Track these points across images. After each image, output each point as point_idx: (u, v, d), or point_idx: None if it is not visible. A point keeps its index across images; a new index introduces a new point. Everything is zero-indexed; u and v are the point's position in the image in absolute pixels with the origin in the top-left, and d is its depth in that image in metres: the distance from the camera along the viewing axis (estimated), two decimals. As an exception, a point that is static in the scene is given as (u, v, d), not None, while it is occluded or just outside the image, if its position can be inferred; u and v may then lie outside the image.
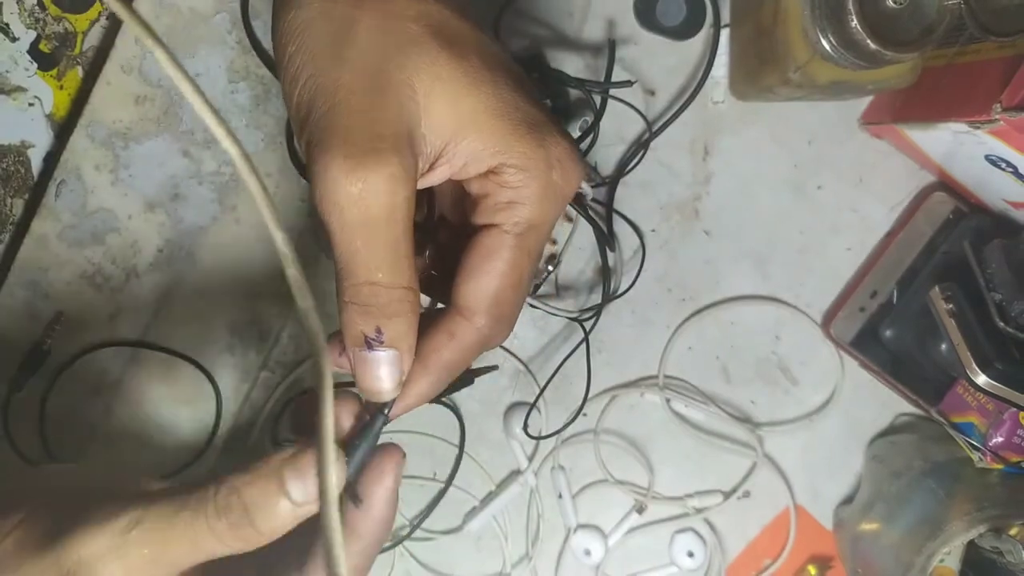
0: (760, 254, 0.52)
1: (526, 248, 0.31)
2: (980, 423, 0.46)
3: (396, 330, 0.29)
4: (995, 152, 0.41)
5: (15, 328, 0.48)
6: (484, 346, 0.32)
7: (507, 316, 0.32)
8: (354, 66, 0.28)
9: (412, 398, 0.32)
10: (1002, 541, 0.44)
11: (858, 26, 0.37)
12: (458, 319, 0.31)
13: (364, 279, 0.29)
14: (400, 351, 0.30)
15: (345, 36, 0.29)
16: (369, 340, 0.30)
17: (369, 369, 0.30)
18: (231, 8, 0.48)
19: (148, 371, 0.50)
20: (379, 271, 0.29)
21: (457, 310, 0.31)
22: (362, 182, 0.27)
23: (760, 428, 0.52)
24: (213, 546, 0.29)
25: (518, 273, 0.31)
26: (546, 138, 0.30)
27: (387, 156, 0.27)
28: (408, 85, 0.28)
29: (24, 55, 0.48)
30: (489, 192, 0.31)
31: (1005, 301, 0.44)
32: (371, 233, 0.28)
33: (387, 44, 0.29)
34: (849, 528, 0.51)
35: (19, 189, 0.50)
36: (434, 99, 0.29)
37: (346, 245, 0.28)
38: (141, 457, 0.50)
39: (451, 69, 0.29)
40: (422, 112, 0.29)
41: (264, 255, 0.50)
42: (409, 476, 0.52)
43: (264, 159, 0.49)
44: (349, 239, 0.28)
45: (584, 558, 0.52)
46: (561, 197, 0.31)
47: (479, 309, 0.31)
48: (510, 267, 0.31)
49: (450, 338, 0.31)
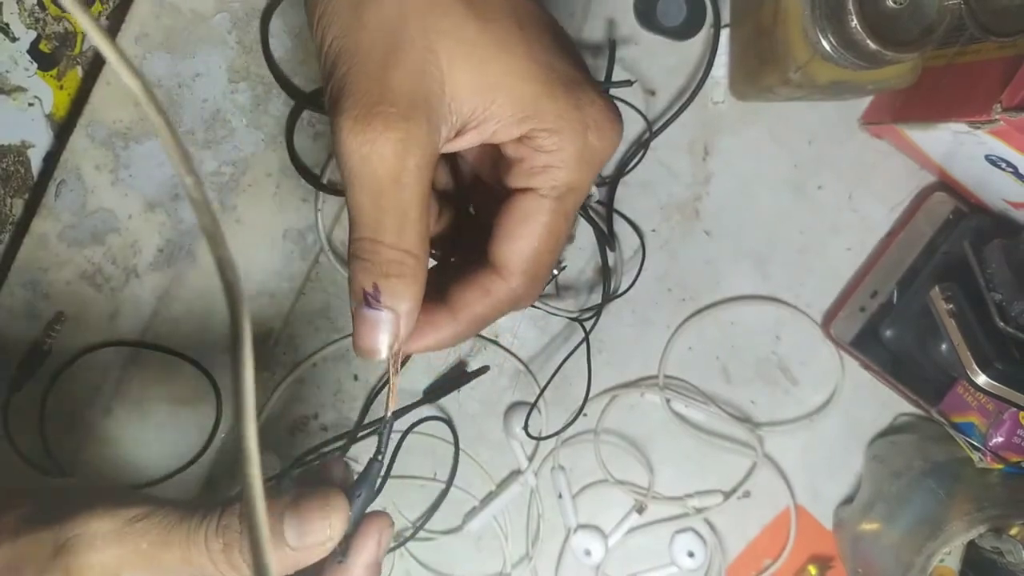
0: (760, 254, 0.52)
1: (563, 211, 0.31)
2: (980, 423, 0.46)
3: (393, 290, 0.29)
4: (995, 152, 0.41)
5: (15, 328, 0.48)
6: (515, 305, 0.32)
7: (541, 277, 0.32)
8: (374, 30, 0.28)
9: (433, 341, 0.32)
10: (1002, 541, 0.44)
11: (858, 26, 0.37)
12: (494, 277, 0.32)
13: (367, 235, 0.29)
14: (397, 313, 0.30)
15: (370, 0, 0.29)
16: (368, 297, 0.30)
17: (364, 327, 0.30)
18: (231, 8, 0.48)
19: (148, 371, 0.50)
20: (382, 231, 0.29)
21: (493, 268, 0.32)
22: (369, 144, 0.27)
23: (760, 428, 0.52)
24: (204, 564, 0.29)
25: (555, 236, 0.31)
26: (581, 99, 0.30)
27: (395, 122, 0.27)
28: (430, 50, 0.28)
29: (24, 55, 0.48)
30: (524, 156, 0.30)
31: (1005, 301, 0.44)
32: (377, 194, 0.28)
33: (410, 8, 0.28)
34: (849, 528, 0.51)
35: (19, 189, 0.50)
36: (459, 64, 0.28)
37: (353, 201, 0.29)
38: (141, 457, 0.50)
39: (477, 33, 0.28)
40: (445, 77, 0.28)
41: (265, 255, 0.50)
42: (409, 476, 0.52)
43: (264, 159, 0.49)
44: (357, 196, 0.28)
45: (584, 558, 0.52)
46: (598, 159, 0.31)
47: (516, 270, 0.31)
48: (547, 231, 0.31)
49: (485, 294, 0.32)
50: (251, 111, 0.49)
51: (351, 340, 0.31)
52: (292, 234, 0.50)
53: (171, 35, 0.48)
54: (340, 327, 0.51)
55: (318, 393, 0.52)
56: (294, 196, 0.49)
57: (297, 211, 0.50)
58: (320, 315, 0.51)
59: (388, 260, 0.29)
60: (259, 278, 0.50)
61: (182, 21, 0.48)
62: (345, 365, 0.52)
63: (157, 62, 0.48)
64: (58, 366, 0.49)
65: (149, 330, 0.49)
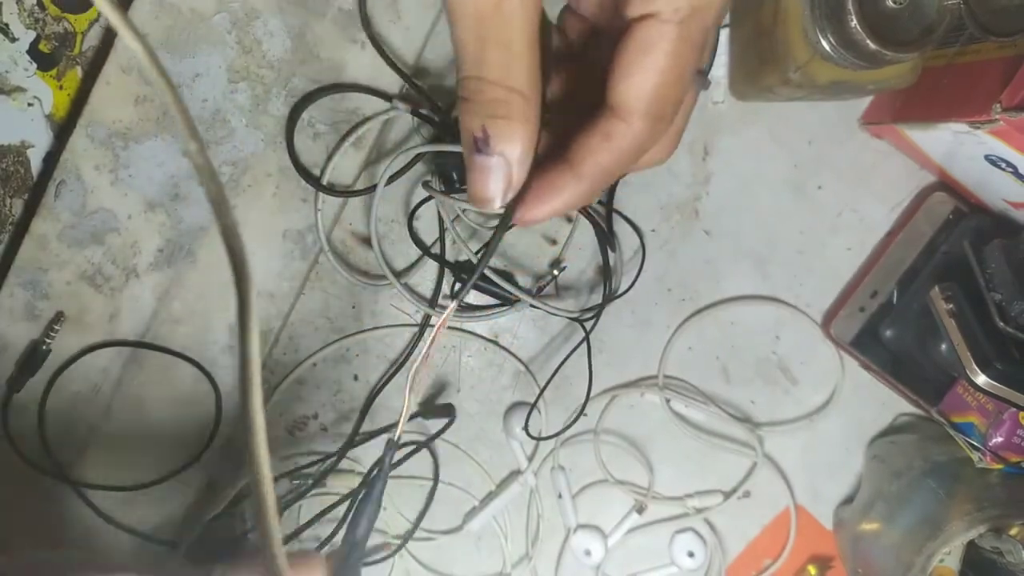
0: (760, 254, 0.52)
1: (687, 38, 0.27)
2: (980, 423, 0.46)
3: (501, 132, 0.28)
4: (995, 152, 0.41)
5: (15, 328, 0.48)
6: (639, 151, 0.29)
7: (668, 115, 0.29)
8: None
9: (560, 203, 0.30)
10: (1002, 541, 0.44)
11: (858, 26, 0.37)
12: (614, 120, 0.28)
13: (471, 73, 0.27)
14: (508, 159, 0.28)
15: None
16: (478, 142, 0.28)
17: (475, 174, 0.28)
18: (231, 8, 0.48)
19: (148, 371, 0.50)
20: (486, 67, 0.27)
21: (612, 111, 0.29)
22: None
23: (760, 428, 0.52)
24: None
25: (680, 67, 0.27)
26: None
27: None
28: None
29: (24, 55, 0.48)
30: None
31: (1005, 301, 0.44)
32: (478, 24, 0.26)
33: None
34: (849, 528, 0.51)
35: (19, 189, 0.50)
36: None
37: (456, 36, 0.27)
38: (141, 457, 0.50)
39: None
40: None
41: (264, 255, 0.50)
42: (408, 476, 0.52)
43: (264, 159, 0.49)
44: (459, 31, 0.27)
45: (584, 558, 0.52)
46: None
47: (636, 108, 0.28)
48: (672, 60, 0.27)
49: (605, 140, 0.29)
50: (251, 111, 0.49)
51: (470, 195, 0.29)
52: (292, 234, 0.50)
53: (171, 35, 0.48)
54: (340, 327, 0.51)
55: (318, 393, 0.52)
56: (294, 196, 0.49)
57: (297, 211, 0.50)
58: (320, 315, 0.51)
59: (494, 99, 0.27)
60: (259, 278, 0.50)
61: (182, 21, 0.48)
62: (345, 365, 0.52)
63: (157, 62, 0.48)
64: (58, 366, 0.49)
65: (149, 330, 0.49)
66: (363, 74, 0.49)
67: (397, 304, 0.51)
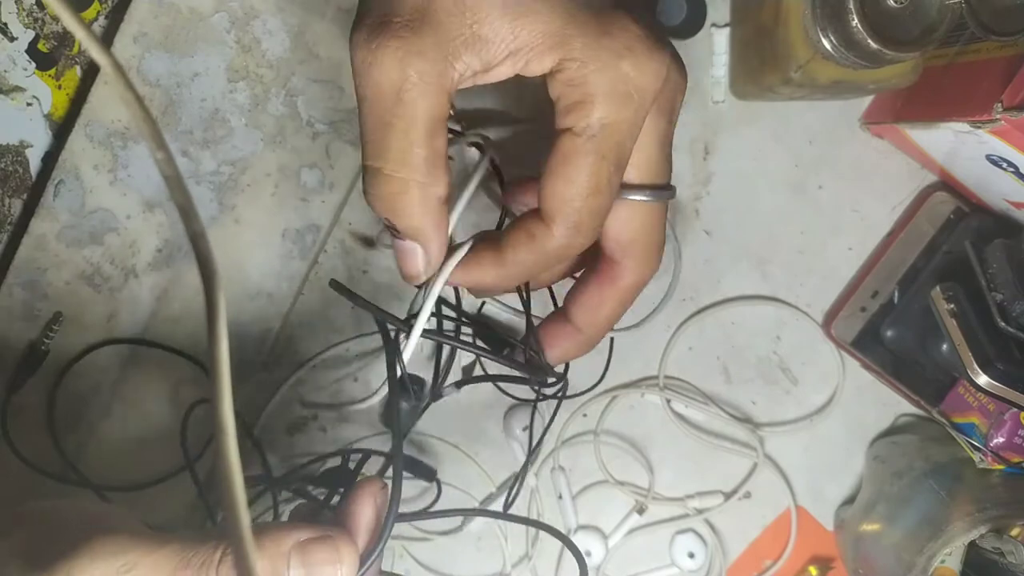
0: (760, 254, 0.52)
1: (600, 152, 0.28)
2: (981, 423, 0.46)
3: (403, 223, 0.28)
4: (996, 152, 0.41)
5: (13, 329, 0.48)
6: (561, 256, 0.31)
7: (585, 225, 0.30)
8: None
9: (476, 279, 0.31)
10: (1003, 542, 0.44)
11: (859, 25, 0.37)
12: (537, 222, 0.30)
13: (371, 162, 0.28)
14: (420, 244, 0.29)
15: None
16: (389, 228, 0.29)
17: (397, 254, 0.30)
18: (230, 7, 0.48)
19: (148, 371, 0.49)
20: (383, 155, 0.27)
21: (539, 213, 0.30)
22: (372, 54, 0.26)
23: (761, 428, 0.52)
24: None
25: (594, 180, 0.29)
26: (612, 24, 0.27)
27: (397, 30, 0.26)
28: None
29: (22, 55, 0.48)
30: (560, 93, 0.28)
31: (1006, 301, 0.43)
32: (380, 110, 0.27)
33: None
34: (850, 529, 0.51)
35: (17, 189, 0.49)
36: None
37: (361, 119, 0.28)
38: (141, 457, 0.50)
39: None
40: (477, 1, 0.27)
41: (263, 255, 0.50)
42: (408, 477, 0.52)
43: (263, 159, 0.49)
44: (363, 114, 0.27)
45: (584, 559, 0.52)
46: (637, 91, 0.28)
47: (555, 215, 0.29)
48: (585, 173, 0.28)
49: (529, 238, 0.30)
50: (250, 111, 0.49)
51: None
52: (291, 234, 0.50)
53: (170, 34, 0.48)
54: (339, 328, 0.51)
55: (317, 393, 0.52)
56: (293, 196, 0.49)
57: (296, 211, 0.49)
58: (319, 316, 0.51)
59: (390, 193, 0.28)
60: (258, 278, 0.50)
61: (181, 20, 0.48)
62: (345, 366, 0.52)
63: (156, 61, 0.48)
64: (57, 366, 0.48)
65: (148, 330, 0.49)
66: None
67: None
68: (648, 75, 0.28)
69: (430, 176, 0.28)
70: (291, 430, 0.52)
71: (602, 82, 0.27)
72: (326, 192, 0.49)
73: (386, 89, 0.27)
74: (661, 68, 0.28)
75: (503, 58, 0.28)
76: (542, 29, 0.27)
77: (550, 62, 0.28)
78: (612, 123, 0.28)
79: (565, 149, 0.29)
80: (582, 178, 0.29)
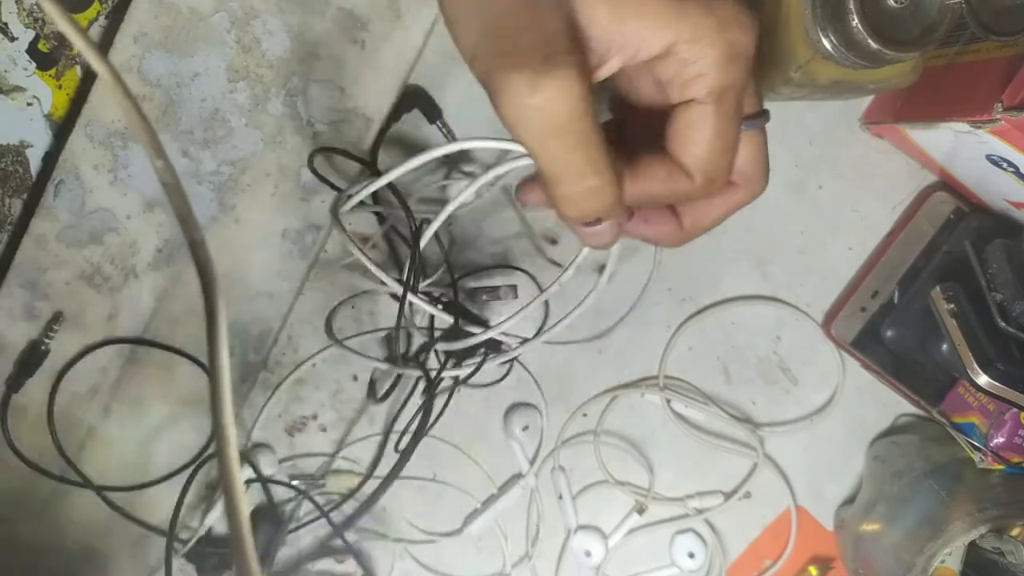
0: (760, 254, 0.52)
1: (727, 115, 0.31)
2: (981, 423, 0.46)
3: (609, 215, 0.31)
4: (996, 152, 0.41)
5: (14, 328, 0.48)
6: (693, 198, 0.33)
7: (721, 178, 0.33)
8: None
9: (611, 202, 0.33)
10: (1003, 542, 0.44)
11: (859, 25, 0.37)
12: (675, 169, 0.32)
13: (569, 188, 0.30)
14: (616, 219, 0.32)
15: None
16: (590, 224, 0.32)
17: (592, 238, 0.33)
18: (230, 7, 0.48)
19: (147, 371, 0.49)
20: (581, 177, 0.30)
21: (678, 165, 0.32)
22: (540, 93, 0.28)
23: (761, 428, 0.52)
24: None
25: (723, 140, 0.32)
26: (712, 2, 0.30)
27: (558, 60, 0.28)
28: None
29: (23, 55, 0.48)
30: (674, 71, 0.31)
31: (1006, 301, 0.43)
32: (563, 140, 0.29)
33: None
34: (850, 529, 0.51)
35: (17, 189, 0.49)
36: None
37: (543, 156, 0.30)
38: (141, 457, 0.50)
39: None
40: (579, 6, 0.29)
41: (263, 255, 0.50)
42: (408, 477, 0.52)
43: (263, 159, 0.49)
44: (544, 150, 0.29)
45: (584, 559, 0.52)
46: (745, 52, 0.31)
47: (694, 173, 0.32)
48: (716, 134, 0.31)
49: (667, 175, 0.32)
50: (250, 111, 0.49)
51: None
52: (291, 234, 0.50)
53: (170, 34, 0.48)
54: (339, 328, 0.51)
55: (317, 393, 0.52)
56: (293, 196, 0.49)
57: (296, 211, 0.49)
58: (319, 315, 0.51)
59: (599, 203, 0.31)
60: (257, 278, 0.50)
61: (181, 20, 0.48)
62: (345, 365, 0.52)
63: (156, 61, 0.48)
64: (57, 366, 0.48)
65: (148, 330, 0.49)
66: (363, 73, 0.49)
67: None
68: (750, 36, 0.31)
69: (611, 171, 0.30)
70: (291, 429, 0.52)
71: (715, 53, 0.30)
72: (326, 192, 0.49)
73: (562, 120, 0.28)
74: (756, 25, 0.31)
75: (614, 55, 0.30)
76: (650, 21, 0.29)
77: (660, 46, 0.30)
78: (730, 86, 0.31)
79: (692, 117, 0.31)
80: (715, 138, 0.31)
